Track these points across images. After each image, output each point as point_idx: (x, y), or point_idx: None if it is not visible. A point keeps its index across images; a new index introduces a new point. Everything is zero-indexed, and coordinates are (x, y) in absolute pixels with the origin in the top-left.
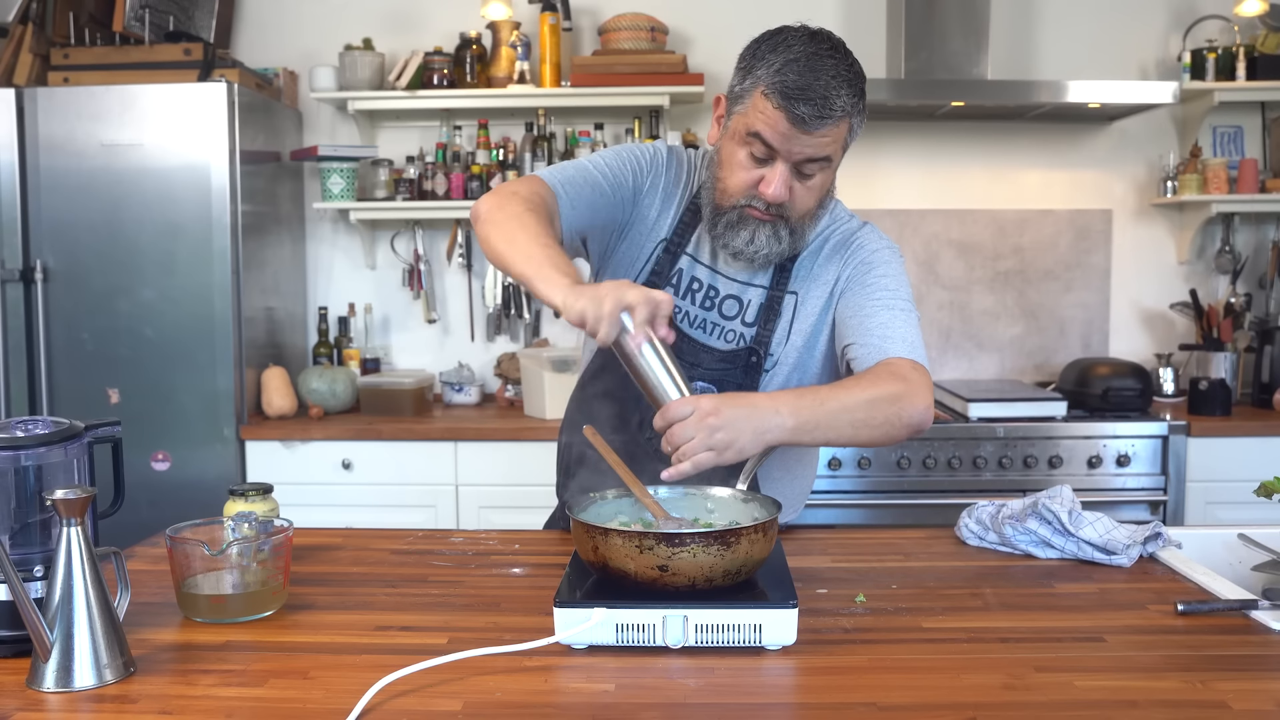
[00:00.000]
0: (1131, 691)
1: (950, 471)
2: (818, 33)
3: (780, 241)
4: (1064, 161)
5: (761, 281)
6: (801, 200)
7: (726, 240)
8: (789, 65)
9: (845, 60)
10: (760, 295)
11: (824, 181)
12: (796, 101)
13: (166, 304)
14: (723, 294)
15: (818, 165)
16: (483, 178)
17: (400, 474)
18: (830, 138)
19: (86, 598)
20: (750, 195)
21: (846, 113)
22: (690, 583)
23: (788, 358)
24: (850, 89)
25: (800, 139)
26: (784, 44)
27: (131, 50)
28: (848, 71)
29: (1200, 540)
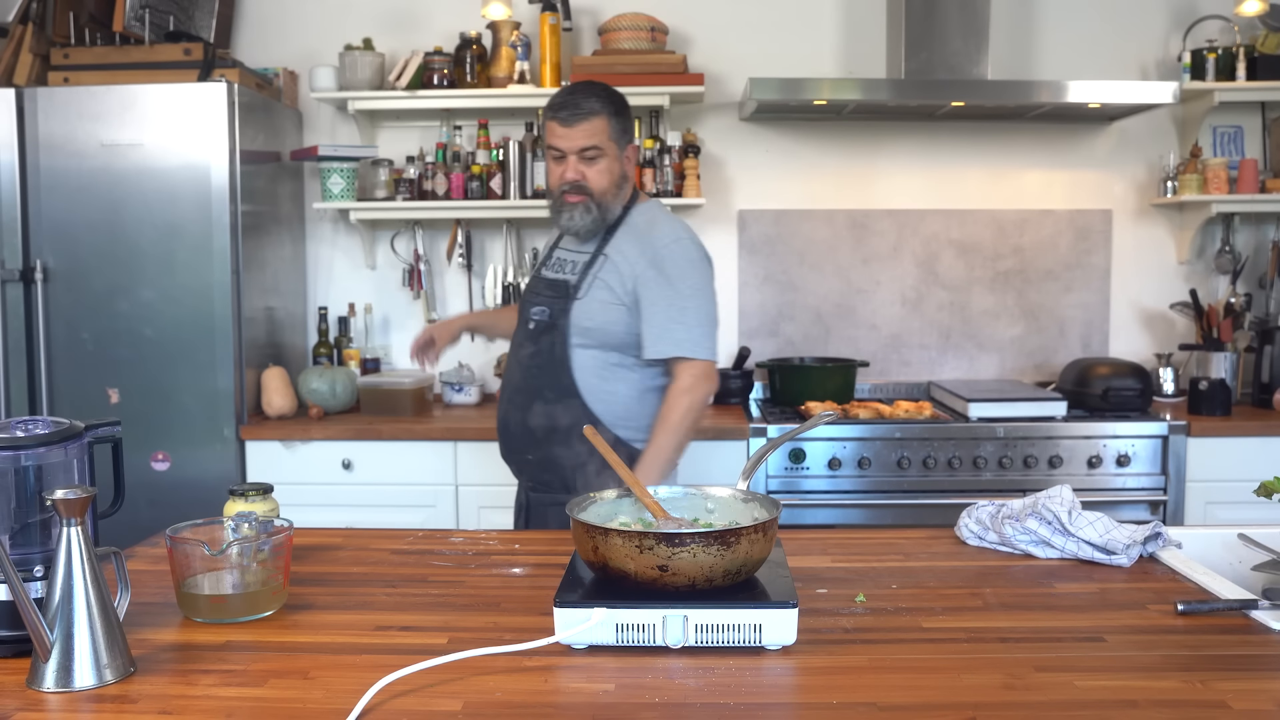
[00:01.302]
0: (1131, 691)
1: (950, 471)
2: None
3: (591, 213)
4: (1064, 161)
5: (588, 250)
6: (595, 180)
7: (558, 221)
8: (556, 95)
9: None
10: (585, 257)
11: (608, 166)
12: (559, 110)
13: (166, 304)
14: (564, 260)
15: (593, 152)
16: (483, 178)
17: (400, 474)
18: (591, 129)
19: (86, 598)
20: (560, 187)
21: (597, 111)
22: (690, 583)
23: (593, 295)
24: (599, 98)
25: (570, 134)
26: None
27: (131, 50)
28: (599, 90)
29: (1200, 540)
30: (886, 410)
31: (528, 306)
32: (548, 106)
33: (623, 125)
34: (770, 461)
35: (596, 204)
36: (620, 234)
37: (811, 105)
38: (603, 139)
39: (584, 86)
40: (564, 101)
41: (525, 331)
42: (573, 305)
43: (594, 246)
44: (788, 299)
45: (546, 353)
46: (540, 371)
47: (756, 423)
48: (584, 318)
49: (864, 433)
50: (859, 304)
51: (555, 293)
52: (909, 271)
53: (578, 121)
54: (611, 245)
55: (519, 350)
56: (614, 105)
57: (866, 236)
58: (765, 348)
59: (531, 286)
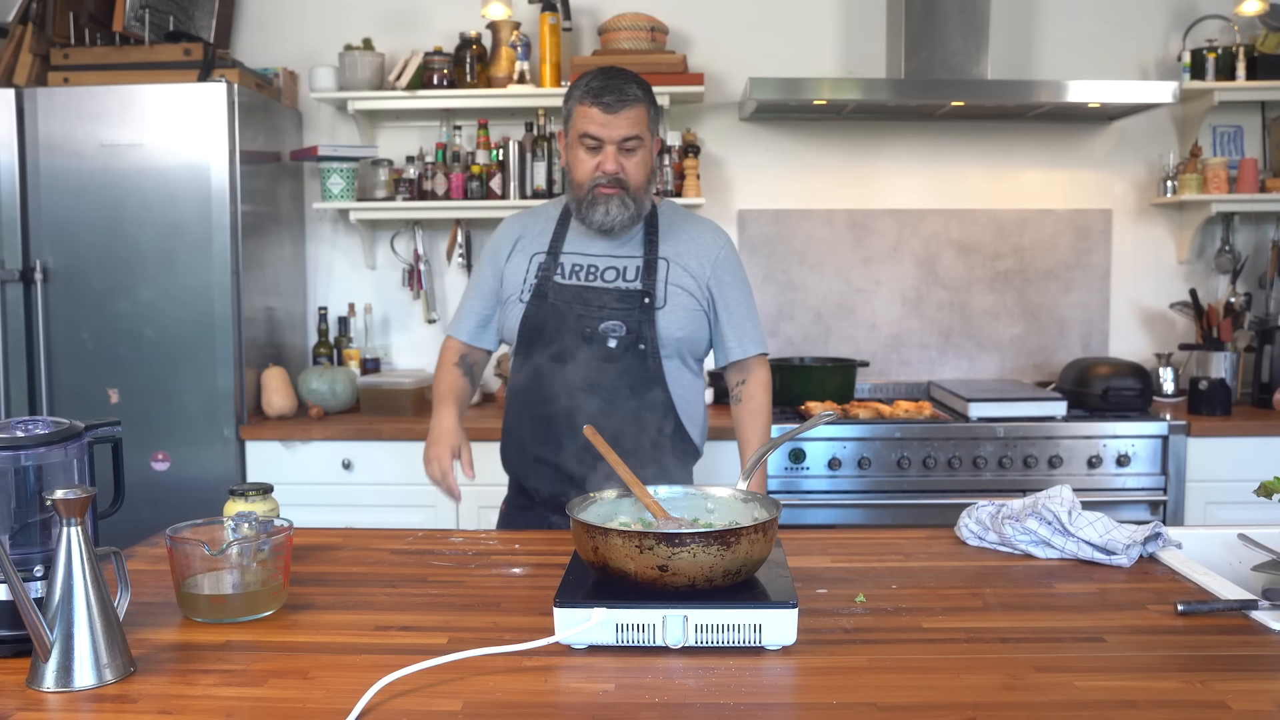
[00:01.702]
0: (1131, 691)
1: (950, 471)
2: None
3: (628, 208)
4: (1064, 161)
5: (633, 253)
6: (633, 173)
7: (589, 218)
8: (591, 79)
9: (632, 74)
10: (637, 260)
11: (645, 159)
12: (601, 95)
13: (166, 304)
14: (601, 268)
15: (634, 142)
16: (483, 178)
17: (400, 474)
18: (634, 117)
19: (86, 598)
20: (595, 178)
21: (639, 99)
22: (690, 583)
23: (675, 302)
24: (638, 86)
25: (613, 122)
26: (584, 75)
27: (131, 50)
28: (634, 78)
29: (1200, 540)
30: (886, 410)
31: (590, 322)
32: (584, 91)
33: (657, 115)
34: (770, 461)
35: (633, 198)
36: (665, 234)
37: (811, 105)
38: (643, 129)
39: (621, 72)
40: (606, 86)
41: (597, 351)
42: (657, 316)
43: (637, 249)
44: (788, 299)
45: (637, 371)
46: (632, 393)
47: None
48: (673, 328)
49: (864, 433)
50: (859, 304)
51: (629, 304)
52: (909, 271)
53: (623, 109)
54: (666, 248)
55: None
56: (650, 94)
57: (866, 236)
58: None
59: (574, 295)
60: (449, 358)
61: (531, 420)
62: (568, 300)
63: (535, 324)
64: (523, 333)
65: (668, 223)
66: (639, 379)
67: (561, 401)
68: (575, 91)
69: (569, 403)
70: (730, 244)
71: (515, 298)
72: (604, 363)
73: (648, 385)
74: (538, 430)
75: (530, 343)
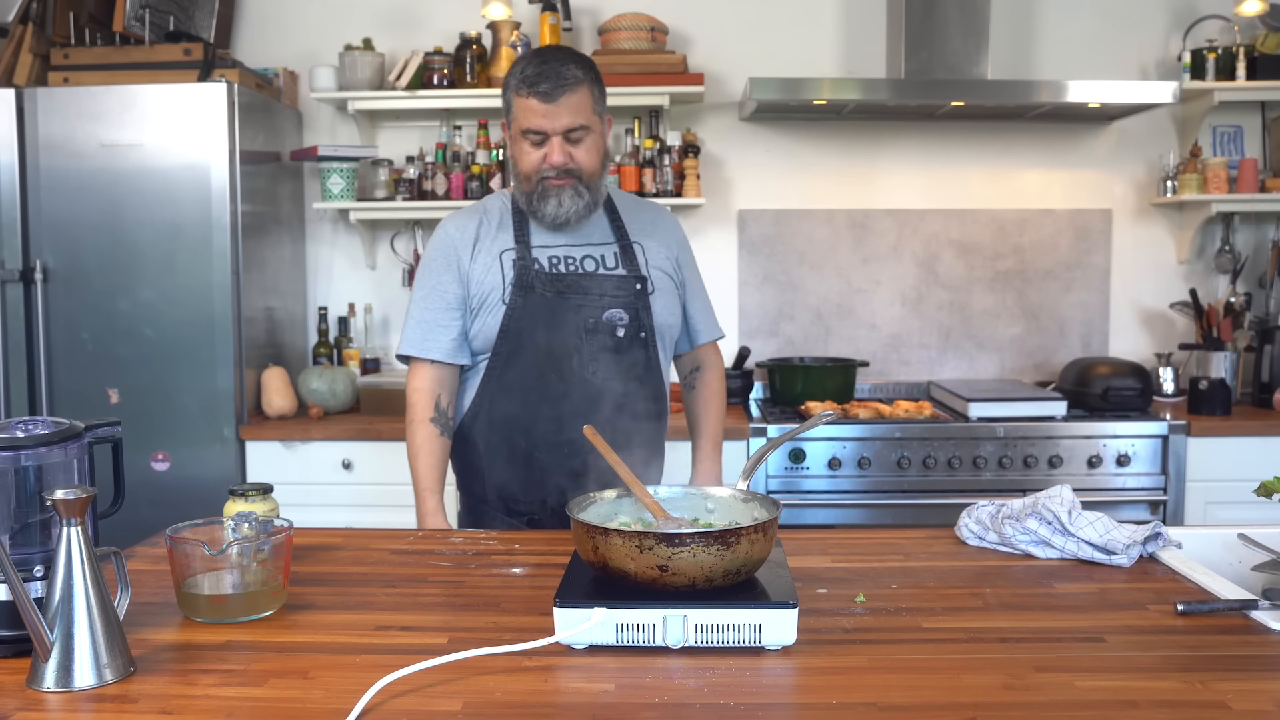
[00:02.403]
0: (1131, 691)
1: (950, 471)
2: (545, 46)
3: (582, 197)
4: (1064, 161)
5: (603, 239)
6: (584, 160)
7: (541, 211)
8: (525, 66)
9: (569, 50)
10: (611, 248)
11: (595, 143)
12: (539, 84)
13: (166, 304)
14: (579, 257)
15: (580, 131)
16: (483, 178)
17: (400, 474)
18: (576, 103)
19: (86, 598)
20: (542, 171)
21: (580, 80)
22: (690, 583)
23: (660, 287)
24: (577, 64)
25: (554, 112)
26: (519, 61)
27: (131, 50)
28: (571, 55)
29: (1200, 540)
30: (886, 410)
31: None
32: (519, 80)
33: (603, 93)
34: (770, 461)
35: (586, 186)
36: (627, 218)
37: (811, 105)
38: (588, 114)
39: (557, 52)
40: (542, 73)
41: (601, 342)
42: (651, 302)
43: (607, 235)
44: (788, 299)
45: (642, 363)
46: (640, 385)
47: (756, 422)
48: (666, 314)
49: (864, 433)
50: (859, 304)
51: (626, 291)
52: (909, 271)
53: (563, 94)
54: (634, 231)
55: (593, 367)
56: (593, 71)
57: (866, 236)
58: (765, 348)
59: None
60: (422, 410)
61: (532, 426)
62: (563, 291)
63: (525, 321)
64: (509, 332)
65: (623, 206)
66: (644, 369)
67: (571, 400)
68: (511, 80)
69: (579, 401)
70: (678, 221)
71: (495, 300)
72: (611, 354)
73: (651, 375)
74: (545, 437)
75: (519, 343)
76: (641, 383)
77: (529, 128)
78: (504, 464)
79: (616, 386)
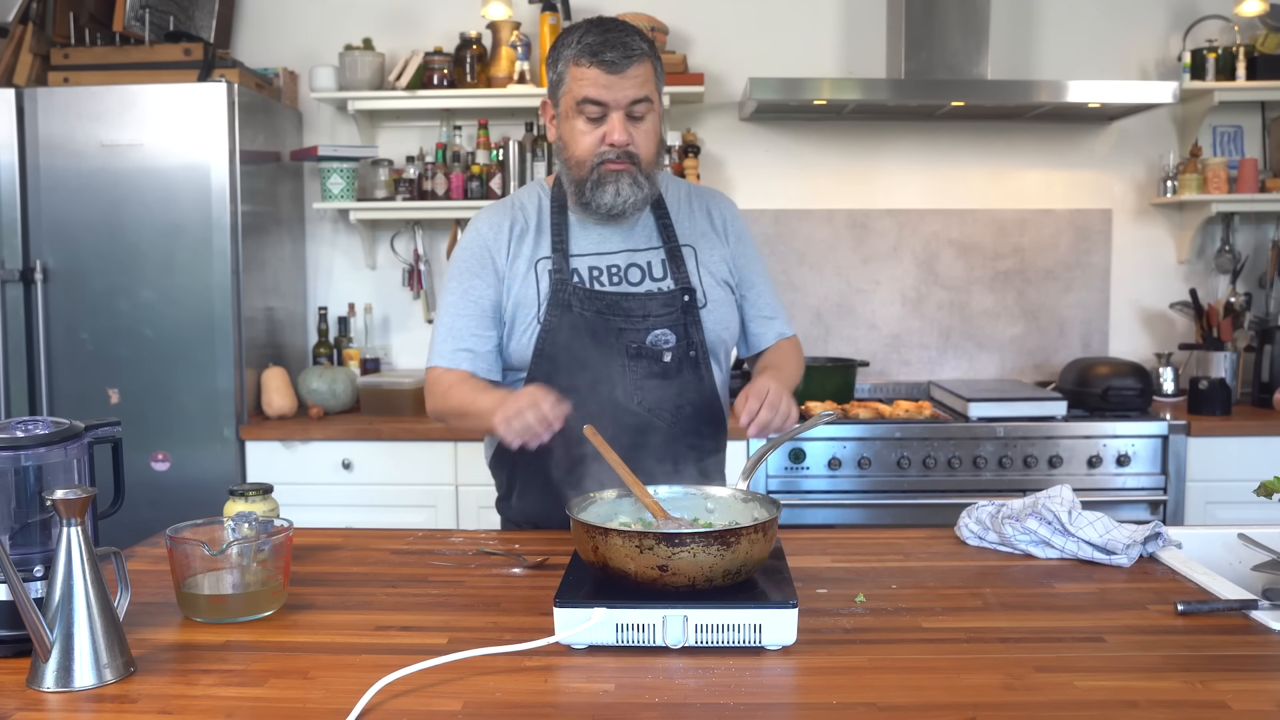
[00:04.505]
0: (1131, 691)
1: (950, 471)
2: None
3: (641, 187)
4: (1064, 161)
5: (649, 244)
6: (644, 144)
7: (597, 201)
8: (586, 34)
9: (629, 24)
10: (657, 254)
11: (654, 126)
12: (603, 52)
13: (166, 304)
14: (623, 266)
15: (643, 106)
16: (483, 178)
17: (400, 474)
18: (642, 76)
19: (86, 598)
20: (600, 153)
21: (645, 53)
22: (690, 583)
23: (713, 297)
24: (641, 37)
25: (618, 83)
26: (573, 29)
27: (131, 50)
28: (633, 27)
29: (1200, 540)
30: (886, 410)
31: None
32: (579, 49)
33: (663, 73)
34: (770, 461)
35: (644, 175)
36: (677, 215)
37: (811, 105)
38: (651, 89)
39: (619, 23)
40: (606, 41)
41: (647, 368)
42: (702, 316)
43: (653, 238)
44: (787, 299)
45: (692, 385)
46: (695, 411)
47: None
48: (719, 328)
49: (864, 433)
50: (859, 304)
51: (672, 308)
52: (909, 271)
53: (629, 66)
54: (684, 231)
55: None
56: (654, 48)
57: (866, 236)
58: None
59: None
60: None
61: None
62: (600, 311)
63: (562, 344)
64: (544, 356)
65: (673, 202)
66: (696, 392)
67: (616, 434)
68: (566, 50)
69: (624, 433)
70: (738, 209)
71: (530, 318)
72: (658, 381)
73: (705, 398)
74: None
75: (554, 367)
76: (695, 408)
77: (589, 97)
78: (538, 496)
79: (666, 415)
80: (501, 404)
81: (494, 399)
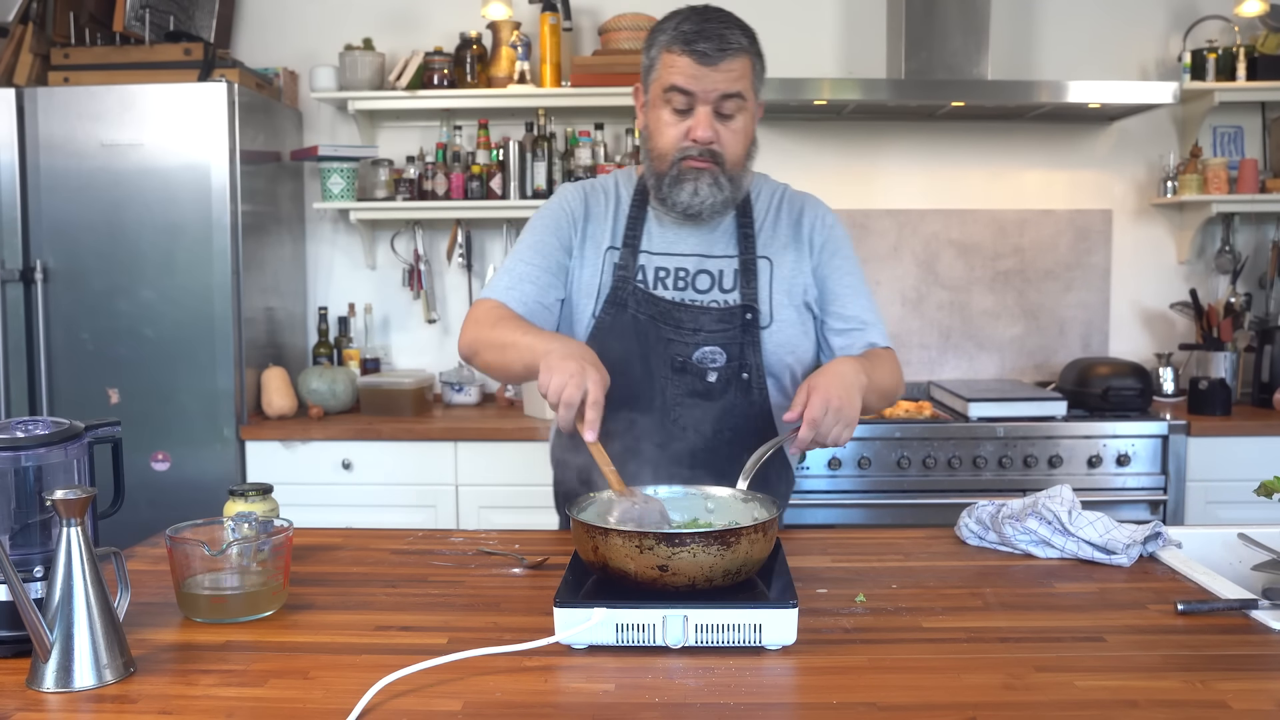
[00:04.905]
0: (1131, 691)
1: (950, 471)
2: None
3: (722, 190)
4: (1064, 161)
5: (726, 251)
6: (730, 144)
7: (674, 198)
8: (683, 22)
9: (732, 15)
10: (731, 263)
11: (746, 126)
12: (696, 42)
13: (166, 304)
14: (692, 271)
15: (734, 103)
16: (483, 178)
17: (400, 474)
18: (736, 71)
19: (86, 598)
20: (683, 148)
21: (744, 48)
22: (690, 583)
23: (782, 316)
24: (742, 32)
25: (709, 76)
26: (674, 15)
27: (131, 50)
28: (736, 21)
29: (1200, 540)
30: (886, 410)
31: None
32: (673, 35)
33: (763, 71)
34: None
35: (728, 178)
36: (763, 222)
37: (811, 105)
38: (746, 85)
39: (721, 13)
40: (702, 31)
41: (689, 384)
42: (763, 337)
43: (730, 245)
44: None
45: (740, 408)
46: (736, 435)
47: None
48: (783, 351)
49: (864, 432)
50: None
51: (729, 324)
52: (909, 271)
53: (723, 59)
54: (765, 241)
55: (676, 413)
56: (757, 44)
57: (866, 236)
58: None
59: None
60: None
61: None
62: (654, 317)
63: (611, 343)
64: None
65: (762, 208)
66: (742, 416)
67: (650, 449)
68: (661, 36)
69: (657, 451)
70: (837, 220)
71: (586, 312)
72: (700, 400)
73: (751, 423)
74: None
75: None
76: (736, 432)
77: (676, 85)
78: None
79: (703, 436)
80: (557, 351)
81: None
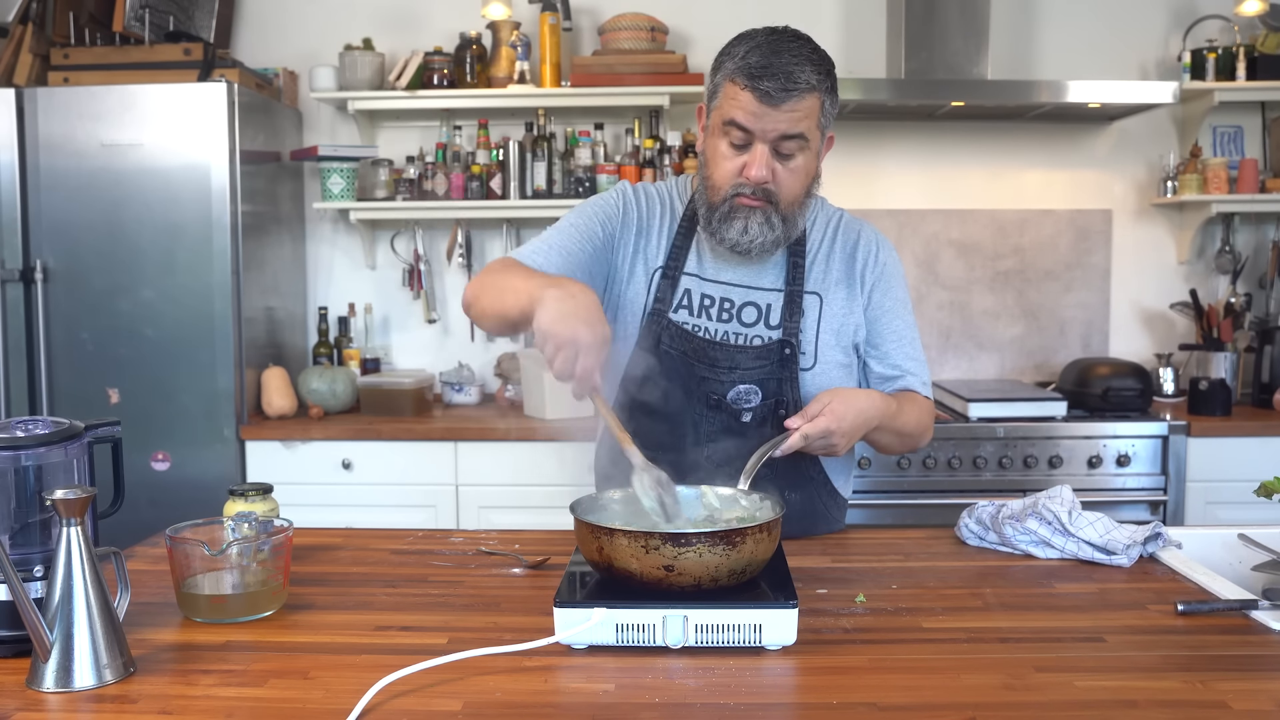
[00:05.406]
0: (1131, 691)
1: (950, 471)
2: (779, 27)
3: (774, 229)
4: (1064, 161)
5: (774, 284)
6: (787, 184)
7: (722, 234)
8: (752, 51)
9: (808, 45)
10: (778, 297)
11: (806, 165)
12: (761, 79)
13: (166, 304)
14: (738, 303)
15: (795, 144)
16: (483, 178)
17: (400, 474)
18: (800, 112)
19: (86, 598)
20: (737, 184)
21: (812, 87)
22: (696, 582)
23: (827, 358)
24: (814, 68)
25: (771, 115)
26: (747, 38)
27: (131, 50)
28: (811, 53)
29: (1200, 540)
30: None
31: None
32: (738, 66)
33: (834, 105)
34: None
35: (781, 217)
36: (819, 255)
37: None
38: (810, 125)
39: (794, 41)
40: (769, 67)
41: (723, 422)
42: (803, 378)
43: (778, 279)
44: None
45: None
46: (771, 474)
47: None
48: (820, 383)
49: None
50: None
51: (767, 360)
52: (909, 271)
53: (788, 100)
54: (818, 278)
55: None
56: (830, 78)
57: None
58: None
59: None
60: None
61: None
62: (688, 353)
63: (648, 370)
64: (630, 379)
65: (816, 235)
66: (781, 460)
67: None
68: (728, 63)
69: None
70: (892, 253)
71: (633, 320)
72: (734, 438)
73: (788, 460)
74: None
75: (633, 394)
76: (771, 469)
77: (735, 120)
78: None
79: (737, 476)
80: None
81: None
